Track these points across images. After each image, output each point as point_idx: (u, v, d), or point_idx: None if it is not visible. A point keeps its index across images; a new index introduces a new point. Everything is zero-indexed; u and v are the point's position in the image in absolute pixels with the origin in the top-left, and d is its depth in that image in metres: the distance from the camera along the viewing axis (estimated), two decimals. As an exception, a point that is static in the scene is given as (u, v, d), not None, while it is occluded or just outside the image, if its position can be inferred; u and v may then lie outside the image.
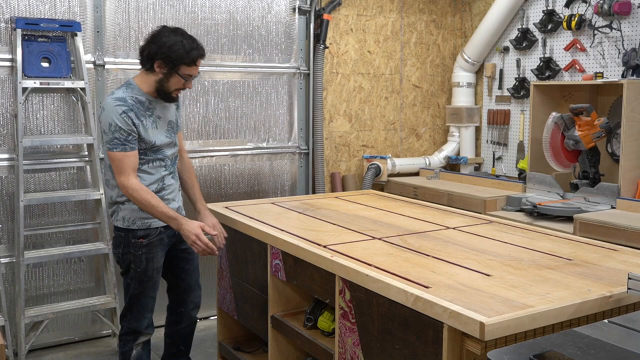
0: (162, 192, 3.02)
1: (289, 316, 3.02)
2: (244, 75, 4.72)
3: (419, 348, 2.08)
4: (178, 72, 2.87)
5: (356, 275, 2.36)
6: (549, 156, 4.36)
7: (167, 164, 3.04)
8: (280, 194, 4.94)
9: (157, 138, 2.95)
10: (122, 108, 2.83)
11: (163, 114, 3.01)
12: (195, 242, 2.86)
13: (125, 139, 2.83)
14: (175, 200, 3.10)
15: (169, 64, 2.85)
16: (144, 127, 2.90)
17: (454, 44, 5.82)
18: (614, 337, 1.62)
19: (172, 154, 3.08)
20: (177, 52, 2.82)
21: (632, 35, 4.32)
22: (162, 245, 3.06)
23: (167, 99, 2.97)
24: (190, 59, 2.85)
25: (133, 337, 3.08)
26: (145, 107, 2.92)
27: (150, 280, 3.03)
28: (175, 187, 3.12)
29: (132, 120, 2.84)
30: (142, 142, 2.91)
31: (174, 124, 3.09)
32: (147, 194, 2.85)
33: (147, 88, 2.93)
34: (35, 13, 3.95)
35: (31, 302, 4.03)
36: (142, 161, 2.95)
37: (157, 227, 3.01)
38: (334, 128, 5.28)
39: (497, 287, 2.14)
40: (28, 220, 3.98)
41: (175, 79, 2.89)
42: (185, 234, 2.86)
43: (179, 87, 2.92)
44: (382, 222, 3.24)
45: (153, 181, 2.99)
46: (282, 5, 4.82)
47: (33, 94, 3.96)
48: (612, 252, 2.65)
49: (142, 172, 2.95)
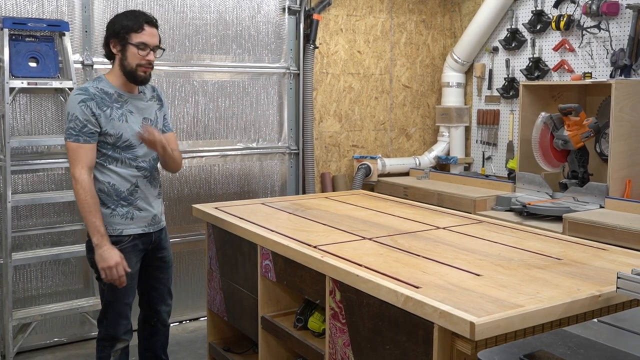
0: (134, 195, 2.90)
1: (279, 317, 3.01)
2: (233, 75, 4.70)
3: (410, 348, 2.08)
4: (130, 42, 2.79)
5: (346, 276, 2.36)
6: (538, 156, 4.38)
7: (139, 165, 2.90)
8: (271, 195, 4.93)
9: (126, 132, 2.83)
10: (82, 97, 2.75)
11: (137, 109, 2.90)
12: (110, 268, 2.72)
13: (80, 130, 2.73)
14: (147, 209, 2.95)
15: (119, 37, 2.81)
16: (107, 117, 2.77)
17: (444, 44, 5.83)
18: (603, 337, 1.63)
19: (146, 155, 2.92)
20: (122, 23, 2.81)
21: (620, 35, 4.35)
22: (136, 252, 2.94)
23: (136, 79, 2.84)
24: (137, 24, 2.80)
25: (110, 344, 2.98)
26: (112, 99, 2.81)
27: (125, 287, 2.86)
28: (151, 194, 2.97)
29: (92, 109, 2.74)
30: (107, 135, 2.79)
31: (152, 122, 2.95)
32: (91, 198, 2.73)
33: (117, 81, 2.86)
34: (23, 12, 3.91)
35: (19, 304, 3.99)
36: (111, 159, 2.83)
37: (130, 235, 2.90)
38: (324, 128, 5.28)
39: (487, 286, 2.15)
40: (15, 221, 3.95)
41: (131, 52, 2.80)
42: (103, 255, 2.72)
43: (139, 62, 2.80)
44: (373, 222, 3.24)
45: (125, 183, 2.87)
46: (272, 5, 4.81)
47: (20, 94, 3.93)
48: (601, 252, 2.66)
49: (112, 172, 2.84)
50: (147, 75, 2.88)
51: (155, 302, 3.18)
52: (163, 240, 3.11)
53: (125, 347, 3.03)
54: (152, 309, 3.19)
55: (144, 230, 2.95)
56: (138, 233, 2.93)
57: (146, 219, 2.97)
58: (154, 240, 3.03)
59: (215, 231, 3.47)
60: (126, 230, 2.89)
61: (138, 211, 2.93)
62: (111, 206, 2.86)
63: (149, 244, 3.02)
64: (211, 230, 3.52)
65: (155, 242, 3.04)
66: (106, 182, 2.85)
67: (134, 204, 2.91)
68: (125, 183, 2.88)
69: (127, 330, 3.01)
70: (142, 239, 2.97)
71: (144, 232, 2.96)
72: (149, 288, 3.15)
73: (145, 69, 2.84)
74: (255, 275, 3.05)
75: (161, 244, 3.09)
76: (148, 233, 2.98)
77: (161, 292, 3.18)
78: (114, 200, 2.87)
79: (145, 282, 3.11)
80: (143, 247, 2.99)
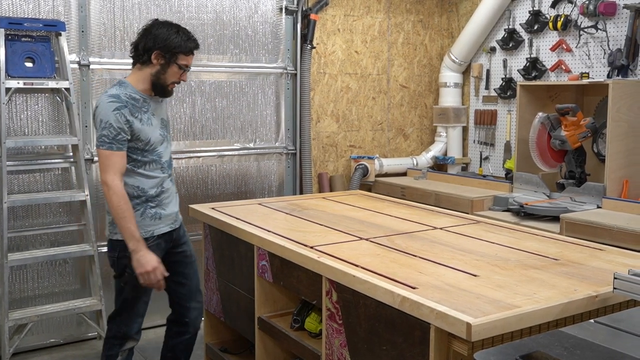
0: (161, 195, 2.95)
1: (276, 317, 3.00)
2: (230, 75, 4.70)
3: (406, 349, 2.07)
4: (176, 62, 2.85)
5: (343, 276, 2.35)
6: (535, 156, 4.38)
7: (163, 165, 2.96)
8: (268, 195, 4.92)
9: (153, 135, 2.90)
10: (116, 105, 2.77)
11: (156, 111, 2.96)
12: (148, 273, 2.77)
13: (114, 138, 2.75)
14: (170, 205, 3.02)
15: (167, 53, 2.83)
16: (140, 122, 2.83)
17: (441, 44, 5.83)
18: (599, 337, 1.62)
19: (167, 154, 3.00)
20: (175, 41, 2.82)
21: (617, 35, 4.35)
22: (159, 250, 2.96)
23: (163, 93, 2.92)
24: (187, 47, 2.86)
25: (120, 342, 3.00)
26: (140, 104, 2.86)
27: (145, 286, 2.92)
28: (173, 192, 3.05)
29: (126, 117, 2.77)
30: (139, 141, 2.83)
31: (166, 122, 3.04)
32: (125, 204, 2.76)
33: (141, 85, 2.88)
34: (19, 12, 3.90)
35: (15, 304, 3.98)
36: (140, 163, 2.87)
37: (155, 236, 2.94)
38: (322, 128, 5.27)
39: (483, 287, 2.14)
40: (12, 221, 3.93)
41: (172, 70, 2.86)
42: (141, 261, 2.75)
43: (175, 80, 2.89)
44: (370, 222, 3.23)
45: (153, 185, 2.91)
46: (269, 5, 4.80)
47: (17, 94, 3.92)
48: (598, 252, 2.66)
49: (140, 176, 2.88)
50: (172, 91, 2.98)
51: (184, 298, 3.17)
52: (182, 236, 3.15)
53: (132, 347, 3.05)
54: (181, 306, 3.18)
55: (171, 228, 3.02)
56: (165, 232, 2.98)
57: (171, 217, 3.03)
58: (174, 237, 3.06)
59: (212, 232, 3.46)
60: (157, 230, 2.94)
61: (164, 210, 2.98)
62: (140, 208, 2.90)
63: (169, 242, 3.06)
64: (208, 230, 3.51)
65: (176, 239, 3.08)
66: (135, 187, 2.88)
67: (160, 205, 2.95)
68: (153, 185, 2.92)
69: (139, 330, 3.03)
70: (165, 237, 3.01)
71: (171, 229, 3.02)
72: (176, 284, 3.14)
73: (174, 85, 2.93)
74: (252, 275, 3.05)
75: (180, 240, 3.13)
76: (171, 230, 3.03)
77: (189, 288, 3.18)
78: (143, 202, 2.90)
79: (171, 279, 3.07)
80: (165, 245, 3.03)
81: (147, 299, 3.02)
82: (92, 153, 4.19)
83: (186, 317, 3.18)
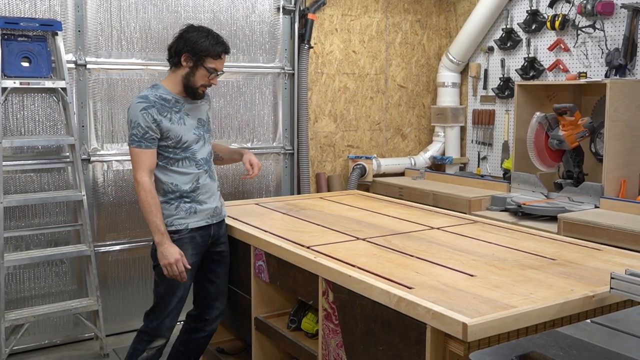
0: (196, 191, 2.99)
1: (272, 318, 3.00)
2: (227, 75, 4.68)
3: (402, 349, 2.06)
4: (204, 65, 2.92)
5: (339, 277, 2.34)
6: (533, 156, 4.37)
7: (199, 162, 3.01)
8: (265, 195, 4.91)
9: (184, 134, 2.95)
10: (143, 105, 2.87)
11: (192, 112, 3.01)
12: (171, 264, 2.84)
13: (142, 136, 2.85)
14: (208, 202, 3.04)
15: (194, 56, 2.91)
16: (169, 121, 2.90)
17: (439, 44, 5.82)
18: (596, 338, 1.62)
19: (203, 152, 3.04)
20: (203, 45, 2.91)
21: (615, 35, 4.34)
22: (193, 244, 3.00)
23: (194, 95, 2.98)
24: (215, 51, 2.93)
25: (149, 338, 3.01)
26: (171, 105, 2.94)
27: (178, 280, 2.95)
28: (211, 188, 3.07)
29: (153, 116, 2.86)
30: (169, 139, 2.91)
31: (204, 122, 3.08)
32: (152, 199, 2.86)
33: (174, 88, 2.97)
34: (15, 12, 3.89)
35: (12, 305, 3.96)
36: (172, 160, 2.94)
37: (189, 229, 2.98)
38: (319, 128, 5.27)
39: (480, 287, 2.13)
40: (8, 222, 3.92)
41: (201, 73, 2.93)
42: (164, 253, 2.84)
43: (204, 82, 2.95)
44: (367, 222, 3.22)
45: (187, 181, 2.97)
46: (266, 4, 4.79)
47: (13, 94, 3.91)
48: (596, 252, 2.66)
49: (174, 173, 2.95)
50: (204, 93, 3.03)
51: (210, 296, 3.18)
52: (222, 235, 3.16)
53: (161, 345, 3.05)
54: (206, 303, 3.19)
55: (207, 222, 3.04)
56: (201, 226, 3.01)
57: (208, 211, 3.04)
58: (213, 234, 3.08)
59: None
60: (191, 224, 2.99)
61: (200, 205, 3.01)
62: (175, 202, 2.97)
63: (208, 238, 3.07)
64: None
65: (214, 237, 3.09)
66: (169, 183, 2.96)
67: (195, 200, 3.00)
68: (188, 181, 2.98)
69: (171, 327, 3.04)
70: (201, 232, 3.03)
71: (207, 224, 3.03)
72: (206, 281, 3.17)
73: (205, 88, 3.00)
74: (249, 276, 3.04)
75: (220, 239, 3.15)
76: (208, 225, 3.05)
77: (218, 286, 3.19)
78: (178, 198, 2.97)
79: (203, 275, 3.15)
80: (201, 240, 3.04)
81: (182, 295, 3.02)
82: (88, 153, 4.18)
83: (207, 315, 3.20)
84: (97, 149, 4.23)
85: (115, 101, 4.24)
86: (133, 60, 4.31)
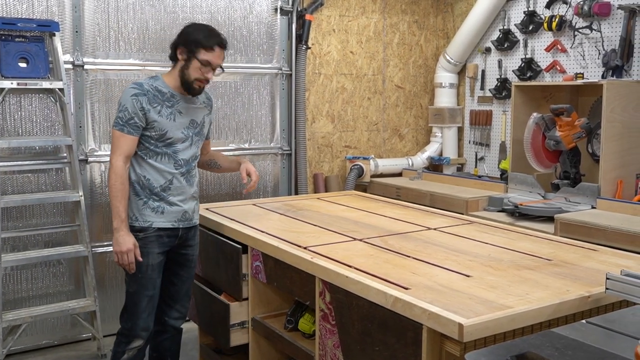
0: (167, 191, 2.95)
1: (269, 318, 3.00)
2: (225, 75, 4.68)
3: (399, 350, 2.07)
4: (197, 57, 2.89)
5: (336, 277, 2.35)
6: (530, 156, 4.38)
7: (179, 162, 2.97)
8: (263, 195, 4.91)
9: (170, 130, 2.92)
10: (135, 91, 2.87)
11: (186, 111, 2.99)
12: (122, 252, 2.83)
13: (127, 121, 2.84)
14: (178, 204, 2.99)
15: (187, 47, 2.91)
16: (157, 113, 2.89)
17: (437, 44, 5.83)
18: (591, 338, 1.62)
19: (187, 154, 3.00)
20: (195, 36, 2.91)
21: (611, 36, 4.35)
22: (159, 243, 2.97)
23: (190, 90, 2.95)
24: (208, 43, 2.90)
25: (126, 339, 2.99)
26: (165, 98, 2.92)
27: (145, 278, 2.93)
28: (185, 191, 3.01)
29: (142, 104, 2.85)
30: (152, 130, 2.88)
31: (197, 125, 3.04)
32: (120, 184, 2.84)
33: (172, 82, 2.96)
34: (13, 12, 3.89)
35: (9, 305, 3.96)
36: (152, 153, 2.91)
37: (154, 227, 2.95)
38: (317, 129, 5.27)
39: (476, 288, 2.14)
40: (6, 222, 3.92)
41: (194, 65, 2.90)
42: (118, 240, 2.83)
43: (198, 76, 2.91)
44: (364, 223, 3.23)
45: (160, 178, 2.93)
46: (264, 5, 4.80)
47: (10, 94, 3.91)
48: (592, 252, 2.66)
49: (149, 166, 2.92)
50: (201, 89, 2.99)
51: (170, 297, 3.16)
52: (190, 238, 3.12)
53: (141, 346, 3.02)
54: (166, 304, 3.16)
55: (173, 225, 3.00)
56: (167, 227, 2.98)
57: (176, 214, 3.00)
58: (180, 235, 3.04)
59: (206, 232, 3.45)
60: (156, 223, 2.95)
61: (169, 206, 2.97)
62: (144, 198, 2.94)
63: (174, 239, 3.03)
64: (202, 231, 3.50)
65: (181, 238, 3.05)
66: (142, 176, 2.93)
67: (165, 200, 2.96)
68: (160, 178, 2.94)
69: (145, 327, 3.00)
70: (167, 232, 3.00)
71: (173, 226, 3.00)
72: (168, 283, 3.13)
73: (201, 83, 2.95)
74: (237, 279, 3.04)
75: (187, 242, 3.11)
76: (176, 228, 3.02)
77: (178, 289, 3.16)
78: (147, 194, 2.94)
79: (166, 277, 3.10)
80: (168, 240, 3.01)
81: (152, 294, 2.99)
82: (86, 154, 4.18)
83: (166, 316, 3.16)
84: (94, 149, 4.23)
85: (113, 102, 4.24)
86: (131, 60, 4.31)
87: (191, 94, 2.98)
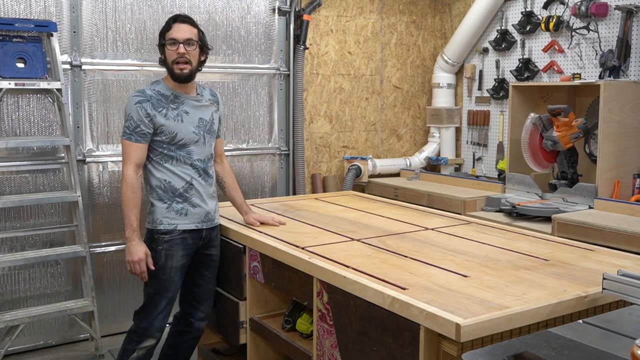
0: (189, 192, 2.98)
1: (267, 319, 3.00)
2: (223, 76, 4.69)
3: (396, 350, 2.07)
4: (165, 43, 2.94)
5: (334, 277, 2.35)
6: (527, 157, 4.38)
7: (195, 163, 2.99)
8: (261, 195, 4.91)
9: (181, 131, 2.94)
10: (138, 98, 2.90)
11: (193, 110, 3.01)
12: (134, 262, 2.86)
13: (133, 129, 2.87)
14: (201, 205, 3.01)
15: (159, 42, 2.98)
16: (164, 117, 2.90)
17: (434, 45, 5.84)
18: (588, 338, 1.63)
19: (201, 153, 3.02)
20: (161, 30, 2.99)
21: (608, 36, 4.36)
22: (184, 246, 2.99)
23: (175, 77, 2.96)
24: (167, 25, 2.96)
25: (138, 338, 3.00)
26: (169, 101, 2.94)
27: (168, 280, 2.96)
28: (205, 192, 3.04)
29: (147, 110, 2.88)
30: (163, 134, 2.91)
31: (207, 123, 3.05)
32: (132, 193, 2.87)
33: (172, 83, 2.99)
34: (10, 13, 3.89)
35: (7, 306, 3.96)
36: (167, 157, 2.94)
37: (179, 230, 2.97)
38: (315, 129, 5.27)
39: (473, 288, 2.14)
40: (3, 222, 3.92)
41: (167, 50, 2.94)
42: (130, 249, 2.87)
43: (174, 58, 2.93)
44: (361, 223, 3.23)
45: (181, 180, 2.96)
46: (262, 6, 4.80)
47: (8, 94, 3.91)
48: (589, 252, 2.67)
49: (168, 170, 2.94)
50: (185, 72, 2.96)
51: (195, 298, 3.17)
52: (213, 238, 3.14)
53: (151, 346, 3.03)
54: (191, 305, 3.18)
55: (197, 226, 3.02)
56: (191, 229, 3.00)
57: (200, 215, 3.03)
58: (204, 236, 3.06)
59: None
60: (180, 225, 2.98)
61: (192, 207, 3.00)
62: (167, 202, 2.96)
63: (198, 240, 3.05)
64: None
65: (205, 239, 3.07)
66: (162, 179, 2.96)
67: (188, 200, 2.99)
68: (180, 181, 2.97)
69: (161, 328, 3.02)
70: (192, 234, 3.02)
71: (197, 227, 3.02)
72: (192, 284, 3.16)
73: (181, 66, 2.94)
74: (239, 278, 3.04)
75: (211, 242, 3.13)
76: (200, 229, 3.03)
77: (203, 290, 3.17)
78: (170, 197, 2.96)
79: (190, 278, 3.13)
80: (192, 242, 3.03)
81: (172, 296, 3.01)
82: (83, 154, 4.18)
83: (192, 317, 3.18)
84: (92, 149, 4.23)
85: (111, 102, 4.24)
86: (128, 61, 4.31)
87: (178, 80, 2.96)
